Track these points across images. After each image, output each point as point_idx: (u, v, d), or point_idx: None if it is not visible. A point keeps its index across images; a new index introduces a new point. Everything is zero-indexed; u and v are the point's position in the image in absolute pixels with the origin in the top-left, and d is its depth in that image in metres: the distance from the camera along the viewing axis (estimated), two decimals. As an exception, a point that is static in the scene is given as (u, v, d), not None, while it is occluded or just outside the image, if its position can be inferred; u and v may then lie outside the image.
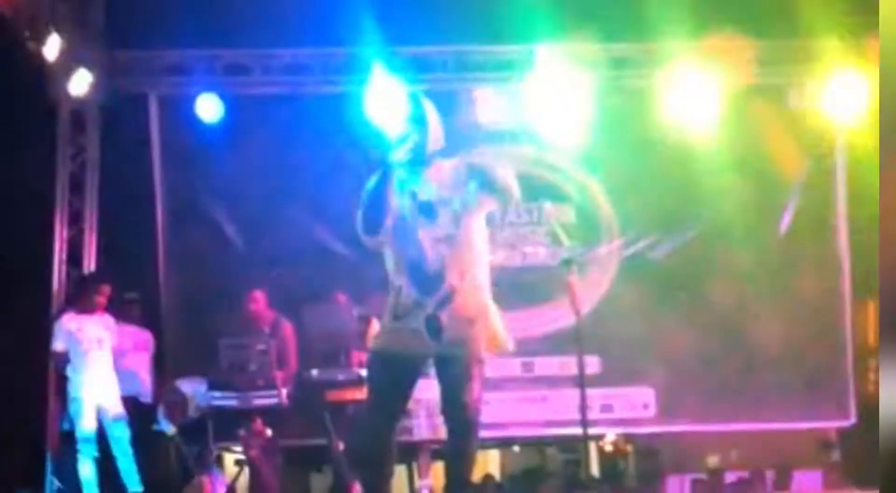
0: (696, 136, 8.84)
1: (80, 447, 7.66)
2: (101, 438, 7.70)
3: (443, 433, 7.92)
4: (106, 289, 7.92)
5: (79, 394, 7.71)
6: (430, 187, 4.43)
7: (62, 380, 7.82)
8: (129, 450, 7.74)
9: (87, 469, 7.64)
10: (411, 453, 8.01)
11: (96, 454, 7.66)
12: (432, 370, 4.60)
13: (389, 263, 4.47)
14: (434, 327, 4.34)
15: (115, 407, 7.77)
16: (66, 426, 7.91)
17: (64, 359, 7.77)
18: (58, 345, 7.81)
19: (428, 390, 7.95)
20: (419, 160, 4.45)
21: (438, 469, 9.04)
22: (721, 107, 8.91)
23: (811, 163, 9.28)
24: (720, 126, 8.92)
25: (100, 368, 7.79)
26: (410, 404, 7.76)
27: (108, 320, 7.92)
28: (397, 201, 4.39)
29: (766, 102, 9.12)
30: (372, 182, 4.37)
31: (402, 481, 8.15)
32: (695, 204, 9.08)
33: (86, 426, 7.68)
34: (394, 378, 4.48)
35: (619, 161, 9.07)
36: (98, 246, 8.88)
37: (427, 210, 4.40)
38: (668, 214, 9.16)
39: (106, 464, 7.71)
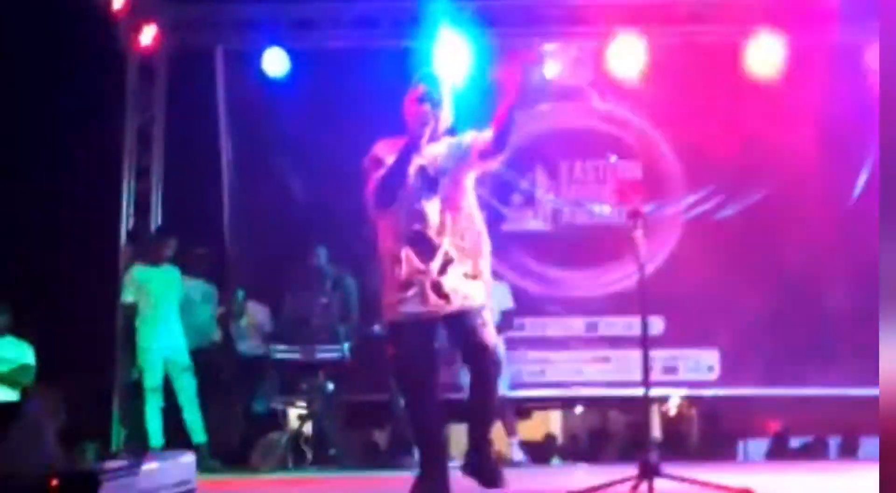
0: (769, 93, 8.62)
1: (147, 397, 7.76)
2: (168, 389, 7.81)
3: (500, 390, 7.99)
4: (173, 242, 8.00)
5: (147, 345, 7.81)
6: (434, 161, 4.67)
7: (131, 331, 7.92)
8: (196, 401, 7.83)
9: (153, 420, 7.74)
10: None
11: (163, 404, 7.76)
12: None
13: (387, 234, 4.65)
14: (439, 291, 4.56)
15: (183, 358, 7.86)
16: (133, 377, 8.00)
17: (133, 311, 7.88)
18: (127, 297, 7.93)
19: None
20: (433, 139, 4.67)
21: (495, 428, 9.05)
22: (795, 64, 8.67)
23: (886, 123, 9.01)
24: (794, 84, 8.69)
25: (168, 320, 7.89)
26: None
27: (176, 273, 8.01)
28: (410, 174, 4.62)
29: (842, 60, 8.88)
30: (397, 160, 4.58)
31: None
32: (765, 163, 8.88)
33: (154, 376, 7.78)
34: (417, 344, 4.62)
35: (688, 118, 8.90)
36: (164, 200, 8.94)
37: (432, 184, 4.66)
38: (737, 173, 8.96)
39: (172, 415, 7.84)
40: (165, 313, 7.88)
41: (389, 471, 7.14)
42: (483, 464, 4.69)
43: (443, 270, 4.59)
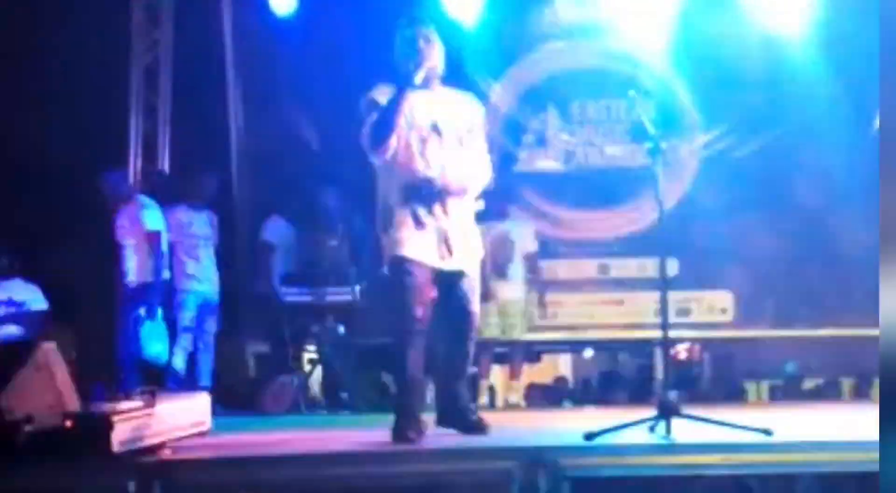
0: (784, 30, 8.47)
1: (179, 338, 7.76)
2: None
3: (513, 334, 8.01)
4: (210, 180, 7.98)
5: (185, 286, 7.81)
6: (433, 109, 4.77)
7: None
8: (212, 345, 7.84)
9: (179, 360, 7.74)
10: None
11: (191, 347, 7.76)
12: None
13: (390, 181, 4.77)
14: (447, 243, 4.73)
15: (214, 301, 7.85)
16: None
17: (173, 250, 7.86)
18: (171, 236, 7.89)
19: (501, 292, 7.96)
20: (428, 82, 4.79)
21: (499, 371, 9.04)
22: (816, 7, 8.50)
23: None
24: (809, 21, 8.52)
25: (206, 262, 7.87)
26: (482, 305, 7.82)
27: (213, 216, 7.99)
28: (408, 120, 4.71)
29: (860, 5, 8.70)
30: (386, 94, 4.71)
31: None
32: (782, 101, 8.75)
33: (188, 317, 7.78)
34: (416, 282, 4.72)
35: (702, 56, 8.75)
36: (172, 140, 8.84)
37: (436, 130, 4.76)
38: (752, 112, 8.83)
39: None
40: (205, 255, 7.87)
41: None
42: (461, 413, 4.77)
43: (448, 221, 4.72)
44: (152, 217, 7.54)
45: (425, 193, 4.71)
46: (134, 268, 7.48)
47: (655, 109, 8.66)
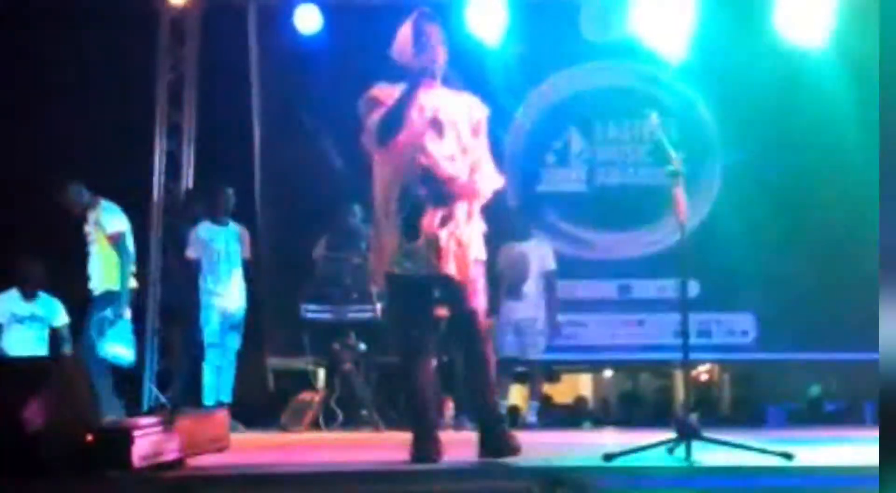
0: (807, 50, 8.44)
1: (206, 354, 7.80)
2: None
3: (531, 354, 8.00)
4: (230, 193, 8.00)
5: (209, 301, 7.85)
6: (436, 107, 4.64)
7: (194, 287, 7.92)
8: (235, 361, 7.86)
9: (209, 376, 7.78)
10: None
11: (218, 362, 7.79)
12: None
13: (387, 183, 4.63)
14: (440, 248, 4.53)
15: (238, 316, 7.89)
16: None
17: (197, 267, 7.90)
18: (190, 253, 7.97)
19: (517, 311, 7.97)
20: (432, 78, 4.65)
21: (520, 390, 9.02)
22: (834, 20, 8.47)
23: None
24: (832, 41, 8.50)
25: (230, 277, 7.90)
26: (499, 323, 7.83)
27: (242, 231, 8.03)
28: (408, 119, 4.59)
29: (884, 16, 8.67)
30: (400, 96, 4.58)
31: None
32: (805, 122, 8.72)
33: (213, 332, 7.82)
34: (415, 302, 4.62)
35: (725, 77, 8.75)
36: (196, 158, 8.90)
37: (437, 128, 4.62)
38: (775, 132, 8.80)
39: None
40: (227, 271, 7.91)
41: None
42: (493, 436, 4.66)
43: (443, 223, 4.55)
44: (113, 219, 7.40)
45: (421, 193, 4.57)
46: (97, 275, 7.34)
47: (678, 129, 8.72)
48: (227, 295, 7.91)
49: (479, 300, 4.67)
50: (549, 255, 8.19)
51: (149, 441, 4.04)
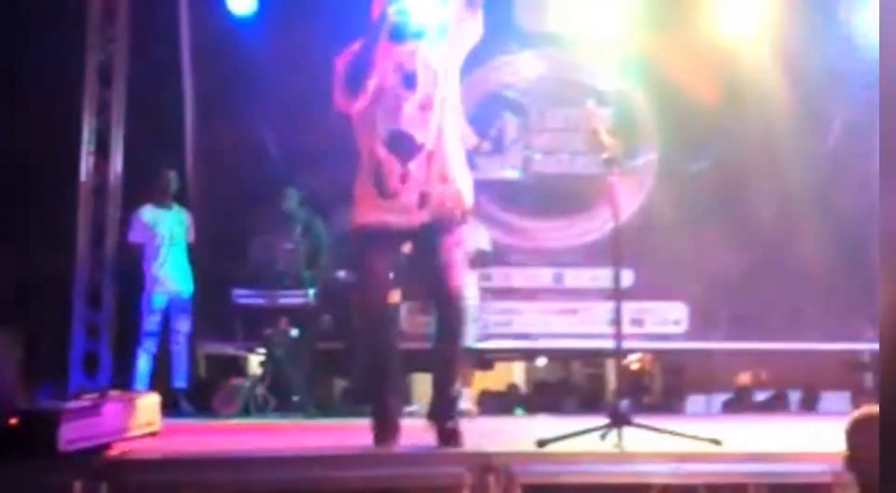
0: (743, 44, 8.52)
1: (143, 341, 7.70)
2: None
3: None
4: (174, 176, 7.91)
5: (152, 288, 7.75)
6: (411, 59, 4.61)
7: (137, 273, 7.85)
8: (186, 345, 7.79)
9: (143, 363, 7.69)
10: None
11: (155, 350, 7.71)
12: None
13: (364, 136, 4.61)
14: (425, 201, 4.53)
15: (185, 301, 7.79)
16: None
17: (139, 252, 7.78)
18: (133, 236, 7.86)
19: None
20: (404, 34, 4.60)
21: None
22: (769, 15, 8.56)
23: (860, 80, 8.97)
24: (768, 35, 8.58)
25: (174, 261, 7.79)
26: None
27: (184, 213, 7.93)
28: (380, 71, 4.55)
29: (816, 12, 8.80)
30: (362, 44, 4.54)
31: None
32: (740, 115, 8.80)
33: (153, 319, 7.72)
34: (381, 255, 4.60)
35: (661, 68, 8.78)
36: (126, 138, 8.72)
37: (410, 81, 4.58)
38: (710, 125, 8.87)
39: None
40: (173, 255, 7.78)
41: (352, 418, 7.07)
42: (442, 419, 4.65)
43: (426, 177, 4.53)
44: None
45: (399, 144, 4.55)
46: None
47: (614, 118, 8.76)
48: (171, 280, 7.82)
49: (459, 270, 4.63)
50: (485, 240, 8.16)
51: (76, 425, 3.96)
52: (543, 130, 8.99)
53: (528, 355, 9.96)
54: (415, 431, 4.74)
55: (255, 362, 8.37)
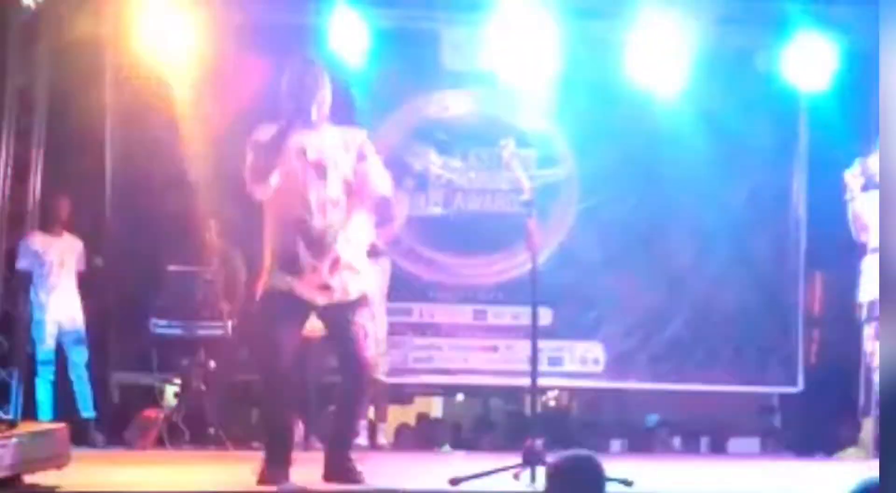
0: (662, 92, 8.68)
1: (38, 369, 7.57)
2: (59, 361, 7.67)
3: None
4: (65, 204, 7.80)
5: (40, 316, 7.62)
6: (319, 149, 4.71)
7: (25, 301, 7.71)
8: (86, 374, 7.66)
9: (42, 392, 7.55)
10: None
11: (52, 377, 7.57)
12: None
13: (271, 220, 4.73)
14: (324, 287, 4.65)
15: (77, 330, 7.66)
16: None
17: (27, 279, 7.66)
18: (21, 264, 7.73)
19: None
20: (312, 123, 4.72)
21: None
22: (687, 65, 8.74)
23: (775, 128, 9.21)
24: (686, 84, 8.76)
25: (63, 290, 7.67)
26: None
27: (76, 241, 7.82)
28: (292, 159, 4.66)
29: (731, 61, 9.01)
30: (269, 132, 4.63)
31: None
32: (657, 160, 8.95)
33: (46, 348, 7.58)
34: (287, 316, 4.68)
35: (583, 111, 8.93)
36: (45, 163, 8.59)
37: (317, 170, 4.68)
38: (629, 169, 9.01)
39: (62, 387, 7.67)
40: (62, 283, 7.67)
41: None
42: (342, 467, 4.70)
43: (332, 268, 4.63)
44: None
45: (307, 233, 4.63)
46: None
47: (536, 159, 8.88)
48: (59, 309, 7.68)
49: (368, 346, 4.75)
50: (387, 270, 8.16)
51: (-20, 457, 3.88)
52: (467, 168, 9.07)
53: (448, 390, 9.98)
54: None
55: (171, 392, 8.27)
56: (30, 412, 7.58)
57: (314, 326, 4.99)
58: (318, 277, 4.63)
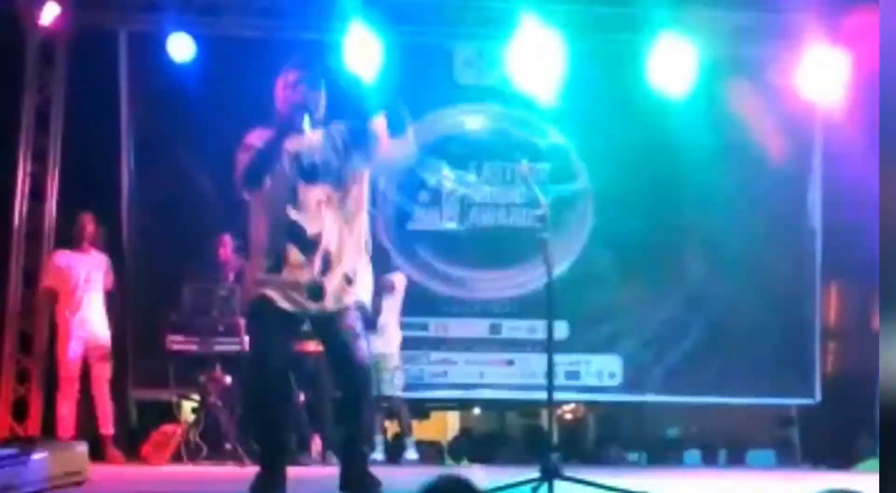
0: (675, 104, 8.70)
1: (61, 386, 7.59)
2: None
3: (387, 390, 8.00)
4: (90, 219, 7.82)
5: (65, 333, 7.64)
6: (312, 151, 4.61)
7: (50, 317, 7.75)
8: (108, 391, 7.68)
9: (65, 409, 7.56)
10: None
11: (77, 394, 7.59)
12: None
13: (259, 222, 4.60)
14: (316, 292, 4.50)
15: (103, 346, 7.68)
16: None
17: (53, 296, 7.68)
18: (47, 281, 7.77)
19: (375, 345, 7.93)
20: (302, 126, 4.58)
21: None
22: (700, 77, 8.75)
23: (789, 140, 9.20)
24: (700, 96, 8.78)
25: (89, 306, 7.70)
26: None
27: (102, 258, 7.84)
28: (284, 164, 4.55)
29: (745, 75, 9.02)
30: (268, 138, 4.53)
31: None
32: (672, 174, 8.96)
33: (70, 365, 7.60)
34: (276, 328, 4.54)
35: (596, 125, 8.95)
36: (62, 183, 8.64)
37: (310, 172, 4.58)
38: (644, 182, 9.03)
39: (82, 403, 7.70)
40: (88, 299, 7.70)
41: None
42: (357, 476, 4.64)
43: (324, 270, 4.53)
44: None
45: (297, 237, 4.53)
46: None
47: (550, 173, 8.90)
48: (85, 325, 7.71)
49: (364, 350, 4.60)
50: (402, 283, 8.20)
51: (1, 474, 3.90)
52: (480, 182, 9.08)
53: (464, 404, 9.98)
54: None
55: (188, 408, 8.28)
56: (49, 429, 7.60)
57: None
58: (309, 273, 4.52)
